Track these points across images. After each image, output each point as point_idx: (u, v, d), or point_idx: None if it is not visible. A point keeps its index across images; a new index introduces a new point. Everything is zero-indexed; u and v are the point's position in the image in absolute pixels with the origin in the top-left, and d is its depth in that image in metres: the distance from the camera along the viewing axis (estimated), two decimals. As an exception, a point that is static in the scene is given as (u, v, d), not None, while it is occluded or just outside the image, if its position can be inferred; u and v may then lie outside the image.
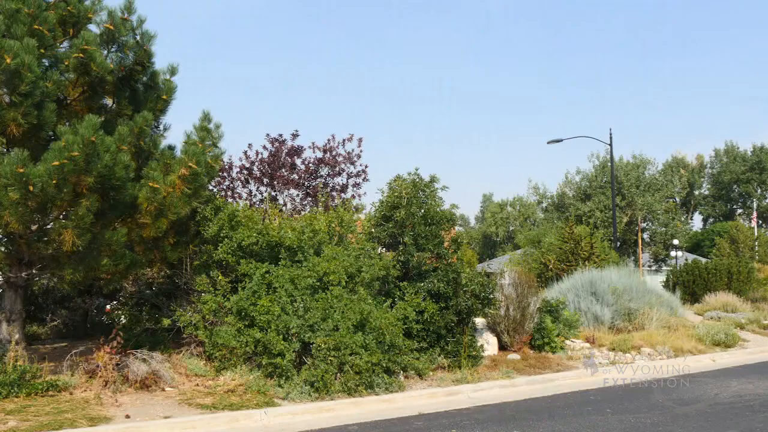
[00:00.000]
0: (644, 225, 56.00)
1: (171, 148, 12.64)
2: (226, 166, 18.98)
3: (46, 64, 10.87)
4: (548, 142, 32.99)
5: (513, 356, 14.54)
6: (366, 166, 20.23)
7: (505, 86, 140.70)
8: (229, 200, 17.96)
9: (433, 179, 14.77)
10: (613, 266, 22.07)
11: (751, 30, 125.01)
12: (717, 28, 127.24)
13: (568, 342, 16.09)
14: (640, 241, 47.93)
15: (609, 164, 46.98)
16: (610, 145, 32.25)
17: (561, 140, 32.47)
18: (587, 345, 16.28)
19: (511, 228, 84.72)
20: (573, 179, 61.42)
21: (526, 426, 9.25)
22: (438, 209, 14.50)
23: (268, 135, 19.79)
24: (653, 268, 55.89)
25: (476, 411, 10.39)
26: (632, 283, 19.64)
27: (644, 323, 18.34)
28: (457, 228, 15.70)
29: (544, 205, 73.93)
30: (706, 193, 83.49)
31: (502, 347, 15.23)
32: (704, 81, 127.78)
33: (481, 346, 14.08)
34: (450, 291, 13.53)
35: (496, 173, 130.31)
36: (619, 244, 47.55)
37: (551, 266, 26.83)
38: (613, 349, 16.04)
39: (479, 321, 15.23)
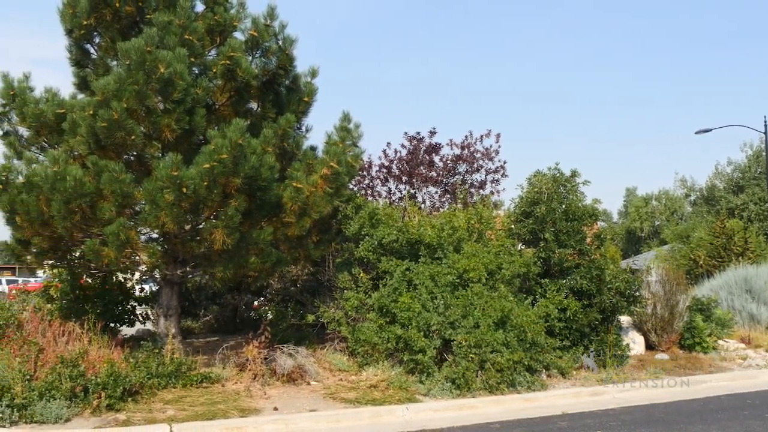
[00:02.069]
0: (805, 218, 52.41)
1: (313, 148, 12.96)
2: (366, 165, 19.21)
3: (196, 71, 11.37)
4: (696, 133, 31.45)
5: (661, 356, 13.98)
6: (504, 162, 19.97)
7: (648, 78, 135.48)
8: (369, 198, 18.20)
9: (574, 174, 14.41)
10: (770, 262, 20.85)
11: None
12: None
13: (720, 342, 15.28)
14: (800, 235, 44.89)
15: (764, 154, 44.36)
16: (765, 133, 30.41)
17: (710, 130, 30.88)
18: (742, 346, 15.41)
19: (656, 223, 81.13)
20: (724, 170, 58.29)
21: (677, 429, 8.86)
22: (579, 204, 14.12)
23: (406, 133, 19.89)
24: (815, 264, 52.19)
25: (622, 412, 10.05)
26: (793, 280, 18.43)
27: (806, 323, 17.18)
28: (599, 223, 15.23)
29: (693, 198, 70.61)
30: None
31: (649, 347, 14.67)
32: None
33: (627, 345, 13.62)
34: (593, 288, 13.15)
35: (639, 166, 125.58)
36: (776, 238, 44.76)
37: (701, 262, 25.65)
38: (772, 350, 15.13)
39: (624, 319, 14.74)
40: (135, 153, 11.17)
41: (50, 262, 12.42)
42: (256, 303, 17.51)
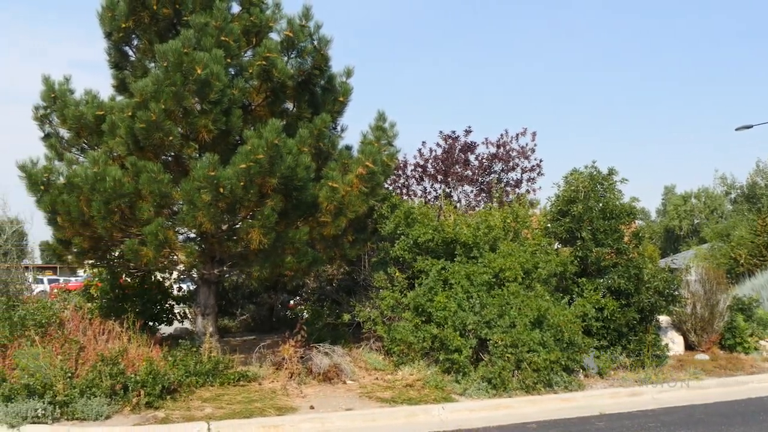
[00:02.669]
0: None
1: (348, 148, 12.98)
2: (401, 164, 19.12)
3: (232, 72, 11.40)
4: (737, 129, 30.86)
5: (701, 356, 13.78)
6: (540, 161, 19.73)
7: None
8: (405, 198, 18.17)
9: (611, 172, 14.24)
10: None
11: None
12: None
13: (762, 342, 15.00)
14: None
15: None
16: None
17: (751, 126, 30.32)
18: (786, 346, 15.14)
19: (695, 221, 79.92)
20: (765, 167, 57.29)
21: (717, 431, 8.73)
22: (617, 203, 13.96)
23: (441, 132, 19.72)
24: None
25: (662, 413, 9.93)
26: (837, 279, 18.07)
27: None
28: (637, 222, 15.03)
29: (733, 196, 69.50)
30: None
31: (689, 347, 14.47)
32: None
33: (666, 345, 13.46)
34: (631, 287, 13.01)
35: (678, 164, 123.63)
36: (820, 237, 43.81)
37: (742, 261, 25.21)
38: (817, 352, 14.82)
39: (663, 319, 14.55)
40: (173, 153, 11.29)
41: (90, 261, 12.60)
42: (292, 302, 17.60)
